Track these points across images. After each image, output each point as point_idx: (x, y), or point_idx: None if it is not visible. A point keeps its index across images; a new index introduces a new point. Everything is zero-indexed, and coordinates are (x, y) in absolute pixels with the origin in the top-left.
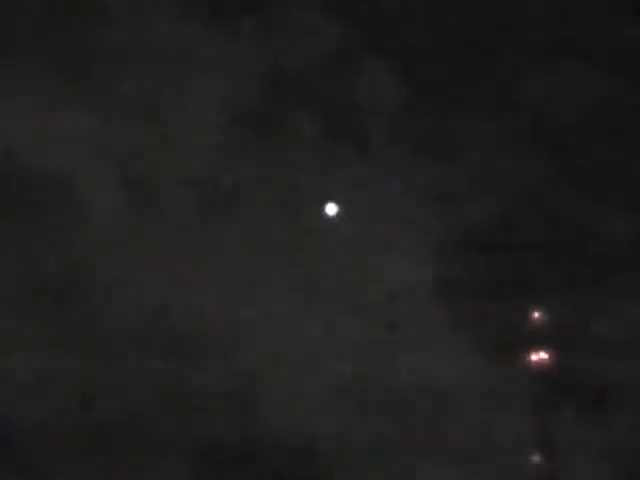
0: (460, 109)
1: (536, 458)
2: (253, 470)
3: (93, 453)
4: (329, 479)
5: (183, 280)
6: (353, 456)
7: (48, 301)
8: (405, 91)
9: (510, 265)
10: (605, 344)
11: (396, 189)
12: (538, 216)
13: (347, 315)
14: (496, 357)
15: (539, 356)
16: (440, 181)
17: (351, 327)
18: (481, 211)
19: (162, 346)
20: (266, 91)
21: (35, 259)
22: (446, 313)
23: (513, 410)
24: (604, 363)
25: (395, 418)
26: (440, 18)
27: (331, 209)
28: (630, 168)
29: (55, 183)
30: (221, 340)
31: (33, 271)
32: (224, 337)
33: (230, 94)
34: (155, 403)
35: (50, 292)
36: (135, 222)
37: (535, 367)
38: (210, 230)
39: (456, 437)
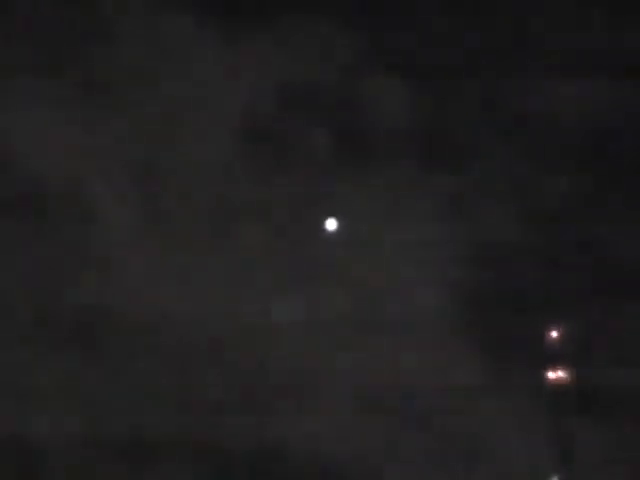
0: (474, 123)
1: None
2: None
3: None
4: None
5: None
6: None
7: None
8: (416, 106)
9: (528, 279)
10: (623, 359)
11: (409, 203)
12: (557, 231)
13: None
14: (512, 373)
15: (557, 372)
16: (453, 194)
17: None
18: (496, 226)
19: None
20: (278, 107)
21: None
22: (461, 328)
23: (531, 426)
24: (622, 378)
25: (411, 434)
26: (452, 33)
27: (331, 224)
28: None
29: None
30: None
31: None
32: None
33: (243, 109)
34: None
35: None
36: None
37: (553, 383)
38: (220, 244)
39: (472, 454)
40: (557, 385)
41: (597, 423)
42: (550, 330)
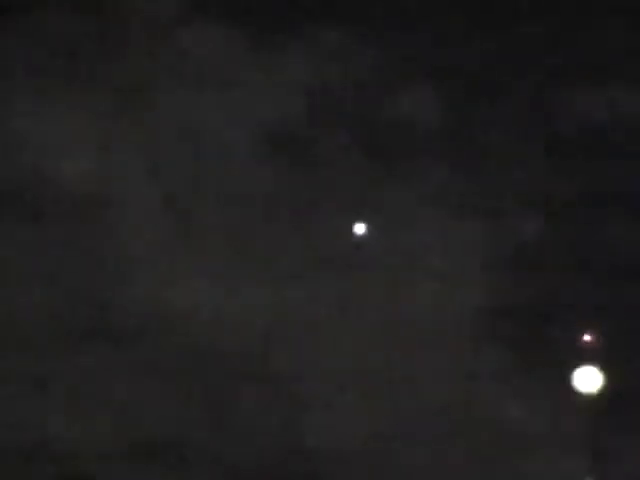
0: (502, 127)
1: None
2: None
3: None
4: None
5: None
6: None
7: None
8: (443, 110)
9: (561, 286)
10: None
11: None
12: (587, 237)
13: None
14: (545, 380)
15: (590, 379)
16: (483, 199)
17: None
18: (529, 230)
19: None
20: (308, 114)
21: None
22: (492, 336)
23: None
24: None
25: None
26: (476, 38)
27: (360, 228)
28: None
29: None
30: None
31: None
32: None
33: (269, 114)
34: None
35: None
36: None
37: (585, 387)
38: (248, 250)
39: (502, 457)
40: (589, 389)
41: (630, 428)
42: (583, 333)
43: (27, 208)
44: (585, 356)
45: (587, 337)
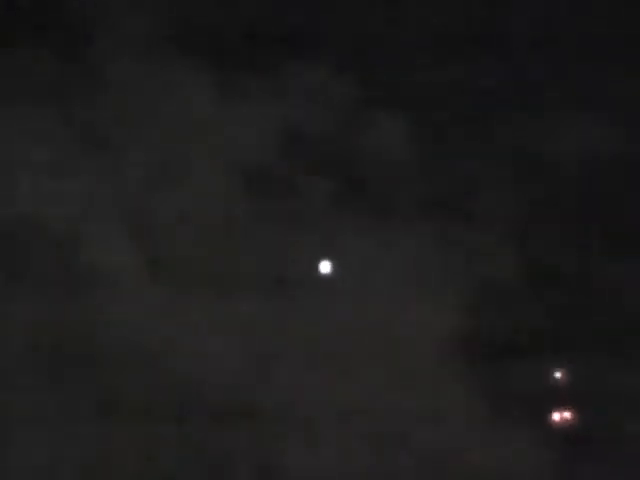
0: (473, 160)
1: None
2: None
3: None
4: None
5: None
6: None
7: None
8: (416, 146)
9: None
10: (628, 401)
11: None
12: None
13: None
14: (516, 417)
15: (562, 415)
16: (454, 235)
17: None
18: (498, 266)
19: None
20: (278, 154)
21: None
22: (461, 372)
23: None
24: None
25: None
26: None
27: (325, 267)
28: None
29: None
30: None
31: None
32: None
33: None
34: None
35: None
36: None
37: (558, 427)
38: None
39: None
40: (561, 427)
41: (598, 465)
42: (554, 372)
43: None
44: (556, 394)
45: (558, 375)
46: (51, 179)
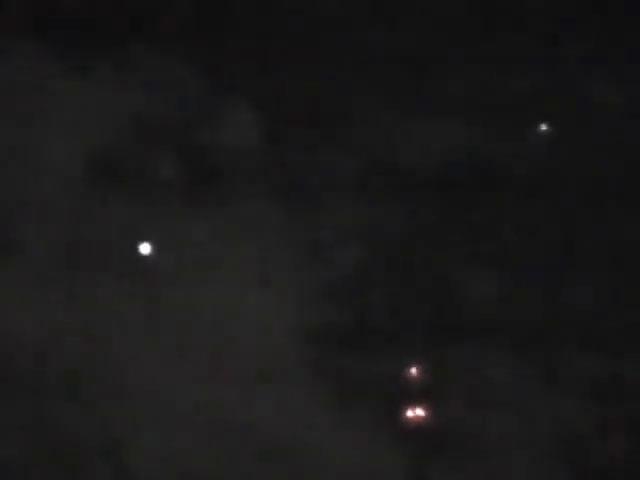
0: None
1: None
2: None
3: None
4: None
5: None
6: None
7: None
8: (265, 138)
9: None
10: (479, 397)
11: (259, 236)
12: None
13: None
14: (365, 412)
15: (414, 411)
16: (303, 227)
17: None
18: (346, 259)
19: None
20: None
21: None
22: (309, 366)
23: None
24: (478, 417)
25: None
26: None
27: (145, 248)
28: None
29: None
30: None
31: None
32: None
33: (88, 142)
34: None
35: None
36: None
37: (409, 422)
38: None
39: None
40: (414, 424)
41: (452, 465)
42: (408, 368)
43: None
44: (411, 390)
45: (413, 371)
46: None
